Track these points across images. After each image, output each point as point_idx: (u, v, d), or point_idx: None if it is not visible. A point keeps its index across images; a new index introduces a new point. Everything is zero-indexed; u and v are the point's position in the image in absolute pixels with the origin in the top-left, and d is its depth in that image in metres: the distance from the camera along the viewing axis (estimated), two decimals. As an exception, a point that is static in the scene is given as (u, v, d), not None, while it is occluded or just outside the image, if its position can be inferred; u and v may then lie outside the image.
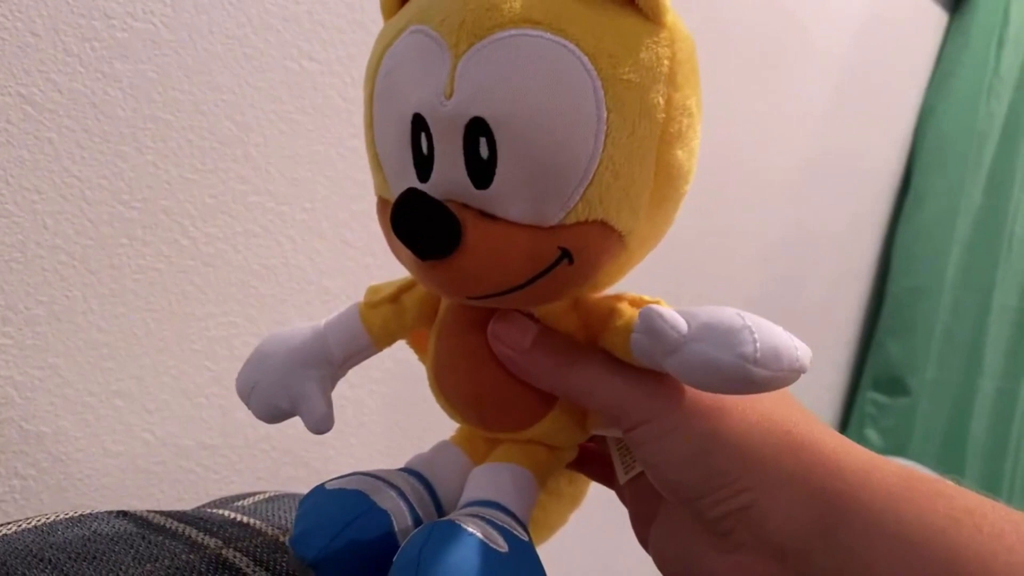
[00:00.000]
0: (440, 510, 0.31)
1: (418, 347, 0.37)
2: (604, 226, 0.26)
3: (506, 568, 0.25)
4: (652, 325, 0.26)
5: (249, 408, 0.32)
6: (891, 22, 1.32)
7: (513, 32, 0.24)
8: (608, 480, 0.37)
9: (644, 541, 0.33)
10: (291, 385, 0.31)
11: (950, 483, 0.25)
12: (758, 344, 0.24)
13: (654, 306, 0.26)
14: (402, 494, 0.30)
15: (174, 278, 0.56)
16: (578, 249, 0.26)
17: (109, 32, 0.50)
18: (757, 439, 0.27)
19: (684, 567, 0.29)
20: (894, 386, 1.47)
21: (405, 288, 0.33)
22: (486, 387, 0.31)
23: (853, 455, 0.26)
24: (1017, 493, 1.51)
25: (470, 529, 0.26)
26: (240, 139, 0.57)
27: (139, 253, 0.54)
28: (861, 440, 1.46)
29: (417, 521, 0.30)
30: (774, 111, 1.13)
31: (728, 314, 0.25)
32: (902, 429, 1.45)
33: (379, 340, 0.33)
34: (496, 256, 0.26)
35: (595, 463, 0.38)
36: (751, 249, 1.17)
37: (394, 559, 0.26)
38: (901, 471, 0.25)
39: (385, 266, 0.67)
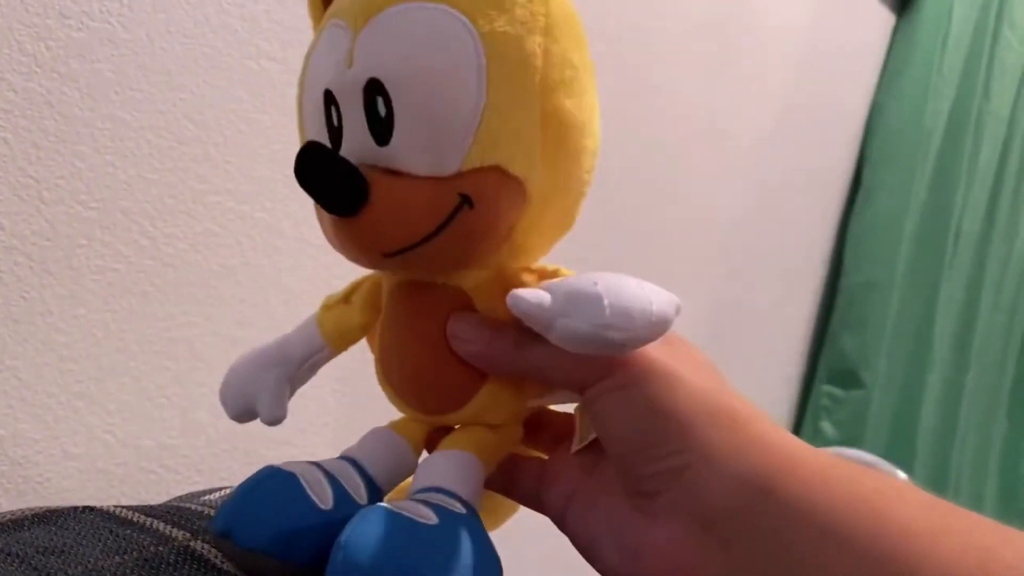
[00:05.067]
0: (373, 485, 0.32)
1: (374, 345, 0.38)
2: (500, 171, 0.28)
3: (434, 537, 0.26)
4: (520, 309, 0.27)
5: (226, 412, 0.35)
6: (840, 23, 1.35)
7: (401, 7, 0.27)
8: (530, 500, 0.36)
9: (560, 520, 0.33)
10: (254, 384, 0.34)
11: (872, 475, 0.26)
12: (608, 311, 0.26)
13: (517, 291, 0.28)
14: (319, 465, 0.31)
15: (133, 278, 0.56)
16: (477, 194, 0.28)
17: (65, 31, 0.49)
18: (702, 409, 0.28)
19: (608, 540, 0.30)
20: (848, 379, 1.49)
21: (354, 289, 0.36)
22: (420, 369, 0.33)
23: (785, 442, 0.28)
24: (964, 481, 1.55)
25: (396, 509, 0.27)
26: (199, 138, 0.57)
27: (98, 253, 0.53)
28: (816, 432, 1.49)
29: (336, 486, 0.30)
30: (727, 108, 1.15)
31: (585, 283, 0.27)
32: (856, 421, 1.47)
33: (332, 340, 0.35)
34: (401, 208, 0.28)
35: (521, 483, 0.37)
36: (706, 244, 1.19)
37: None
38: (827, 462, 0.27)
39: (345, 264, 0.67)
